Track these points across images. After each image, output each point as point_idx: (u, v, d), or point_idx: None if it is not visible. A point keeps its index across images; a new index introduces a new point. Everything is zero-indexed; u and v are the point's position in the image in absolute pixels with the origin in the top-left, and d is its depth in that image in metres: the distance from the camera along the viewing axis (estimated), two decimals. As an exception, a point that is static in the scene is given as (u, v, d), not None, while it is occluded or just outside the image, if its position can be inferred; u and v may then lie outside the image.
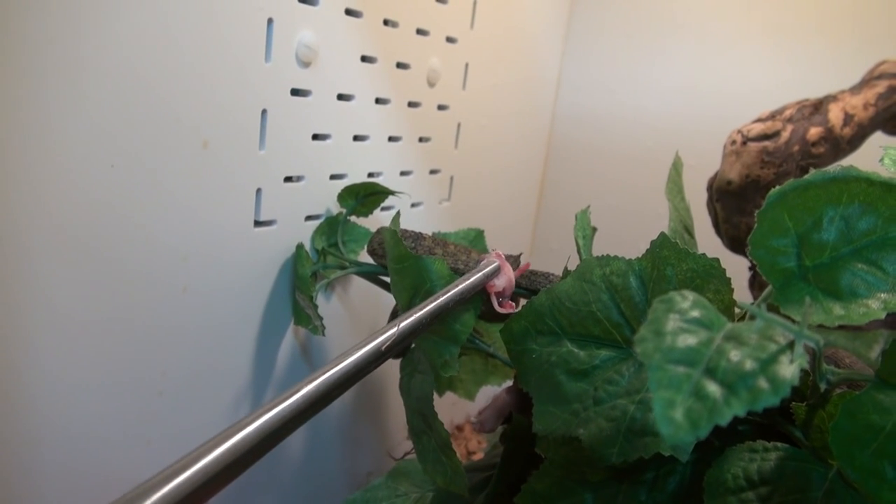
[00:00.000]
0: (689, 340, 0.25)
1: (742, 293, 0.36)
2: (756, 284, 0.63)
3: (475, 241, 0.66)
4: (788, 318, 0.27)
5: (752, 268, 0.64)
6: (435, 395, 0.47)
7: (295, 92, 0.52)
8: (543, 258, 1.01)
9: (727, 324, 0.26)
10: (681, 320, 0.25)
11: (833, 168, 0.28)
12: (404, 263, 0.44)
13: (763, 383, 0.23)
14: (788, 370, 0.23)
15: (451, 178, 0.76)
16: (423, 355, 0.46)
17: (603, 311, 0.40)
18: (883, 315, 0.26)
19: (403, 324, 0.34)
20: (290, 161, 0.54)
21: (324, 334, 0.55)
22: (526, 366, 0.42)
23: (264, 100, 0.50)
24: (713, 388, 0.23)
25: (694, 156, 0.72)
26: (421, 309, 0.36)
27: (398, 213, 0.51)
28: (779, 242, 0.28)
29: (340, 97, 0.57)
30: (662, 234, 0.38)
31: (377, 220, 0.66)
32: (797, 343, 0.24)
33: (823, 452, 0.33)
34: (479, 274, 0.44)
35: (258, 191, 0.51)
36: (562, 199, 1.01)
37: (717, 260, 0.36)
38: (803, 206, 0.28)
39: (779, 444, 0.34)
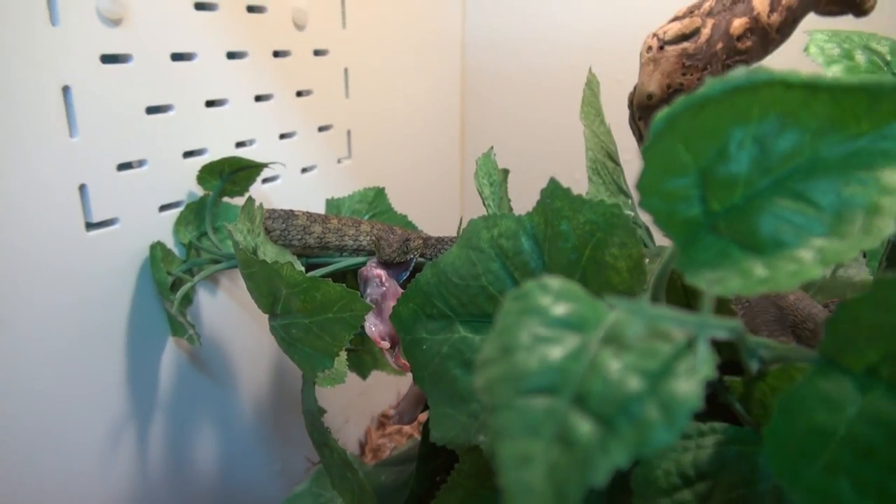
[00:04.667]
0: (552, 354, 0.17)
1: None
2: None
3: (375, 202, 0.57)
4: (696, 289, 0.20)
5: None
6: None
7: (108, 59, 0.42)
8: (478, 206, 0.93)
9: (608, 316, 0.18)
10: (540, 324, 0.18)
11: (736, 73, 0.20)
12: (252, 269, 0.36)
13: (652, 411, 0.15)
14: (686, 386, 0.16)
15: (349, 133, 0.67)
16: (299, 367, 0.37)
17: (495, 284, 0.32)
18: (819, 273, 0.19)
19: None
20: (121, 144, 0.44)
21: (199, 344, 0.47)
22: (417, 359, 0.35)
23: (62, 73, 0.40)
24: (586, 428, 0.16)
25: (624, 70, 0.63)
26: None
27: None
28: (675, 184, 0.20)
29: (176, 57, 0.47)
30: (552, 182, 0.30)
31: (260, 195, 0.57)
32: (700, 339, 0.17)
33: (770, 429, 0.26)
34: None
35: (82, 187, 0.42)
36: (488, 134, 0.92)
37: (619, 206, 0.28)
38: (701, 130, 0.20)
39: (716, 425, 0.27)
